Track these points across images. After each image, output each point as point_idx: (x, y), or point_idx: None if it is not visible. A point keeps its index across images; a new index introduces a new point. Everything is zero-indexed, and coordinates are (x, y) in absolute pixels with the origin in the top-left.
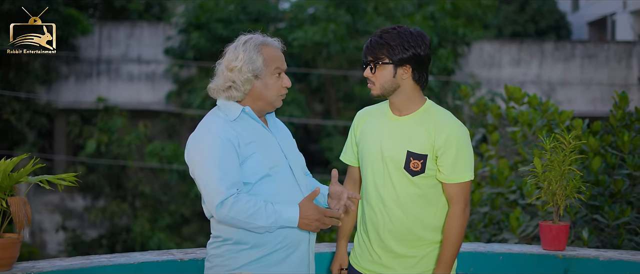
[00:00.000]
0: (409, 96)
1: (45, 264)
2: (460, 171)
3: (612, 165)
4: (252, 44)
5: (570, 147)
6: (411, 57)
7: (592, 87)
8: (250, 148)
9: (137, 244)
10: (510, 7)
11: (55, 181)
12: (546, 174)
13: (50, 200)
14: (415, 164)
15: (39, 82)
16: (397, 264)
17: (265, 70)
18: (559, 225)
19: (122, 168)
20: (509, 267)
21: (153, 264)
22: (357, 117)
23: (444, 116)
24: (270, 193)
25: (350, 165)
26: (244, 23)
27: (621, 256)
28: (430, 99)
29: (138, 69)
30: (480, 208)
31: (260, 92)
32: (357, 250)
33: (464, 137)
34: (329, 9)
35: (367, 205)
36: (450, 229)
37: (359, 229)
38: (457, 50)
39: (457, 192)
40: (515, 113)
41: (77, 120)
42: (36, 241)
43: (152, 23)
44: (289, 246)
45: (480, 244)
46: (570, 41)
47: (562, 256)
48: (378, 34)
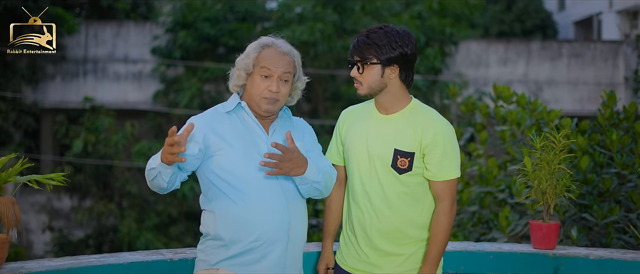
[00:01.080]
0: (395, 95)
1: (34, 264)
2: (447, 169)
3: (600, 164)
4: (259, 42)
5: (560, 146)
6: (399, 57)
7: (579, 86)
8: (222, 141)
9: (125, 245)
10: (496, 7)
11: (44, 181)
12: (536, 173)
13: (36, 200)
14: (403, 162)
15: (25, 81)
16: (385, 263)
17: (254, 68)
18: (549, 224)
19: (109, 168)
20: (499, 266)
21: (142, 264)
22: (342, 116)
23: (431, 114)
24: (240, 193)
25: (335, 164)
26: (231, 22)
27: (611, 255)
28: (418, 99)
29: (125, 69)
30: (468, 207)
31: (249, 89)
32: (344, 249)
33: (451, 135)
34: (316, 8)
35: (353, 204)
36: (437, 227)
37: (344, 228)
38: (444, 50)
39: (444, 190)
40: (503, 112)
41: (64, 120)
42: (23, 241)
43: (138, 22)
44: (265, 245)
45: (470, 243)
46: (556, 41)
47: (553, 254)
48: (365, 34)
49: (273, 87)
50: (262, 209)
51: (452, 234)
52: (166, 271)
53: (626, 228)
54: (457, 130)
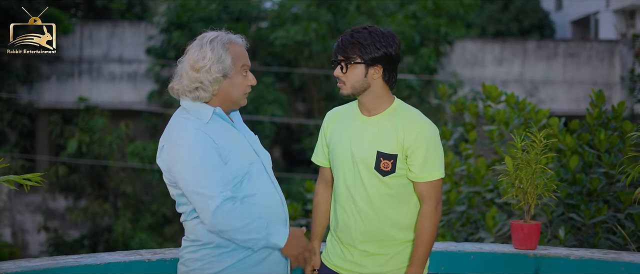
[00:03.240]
0: (378, 96)
1: (10, 265)
2: (431, 170)
3: (589, 164)
4: (219, 43)
5: (541, 146)
6: (382, 57)
7: (575, 86)
8: (227, 150)
9: (119, 245)
10: (493, 6)
11: (21, 181)
12: (517, 173)
13: (31, 200)
14: (386, 164)
15: (20, 82)
16: (368, 262)
17: (234, 69)
18: (530, 224)
19: (103, 168)
20: (480, 266)
21: (120, 265)
22: (327, 118)
23: (413, 115)
24: (249, 193)
25: (321, 166)
26: (226, 22)
27: (593, 255)
28: (412, 98)
29: (120, 69)
30: (457, 206)
31: (227, 91)
32: (330, 248)
33: (434, 136)
34: (311, 8)
35: (339, 206)
36: (423, 228)
37: (331, 228)
38: (439, 49)
39: (428, 191)
40: (492, 112)
41: (58, 120)
42: (18, 241)
43: (133, 23)
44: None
45: (451, 243)
46: (553, 40)
47: (533, 255)
48: (349, 34)
49: (253, 81)
50: (265, 208)
51: (440, 235)
52: (144, 272)
53: (614, 228)
54: (447, 130)
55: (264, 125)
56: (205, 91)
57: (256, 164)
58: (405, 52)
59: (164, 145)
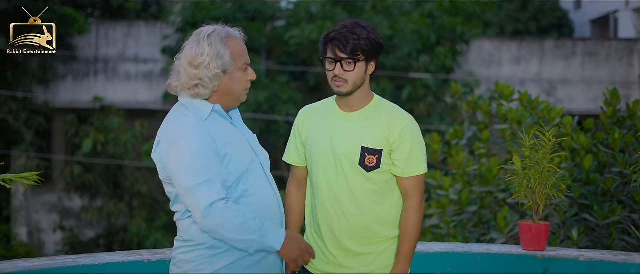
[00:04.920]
0: (364, 92)
1: (7, 265)
2: (415, 165)
3: (604, 163)
4: (217, 37)
5: (550, 145)
6: (379, 50)
7: (593, 85)
8: (226, 149)
9: (134, 244)
10: (511, 5)
11: (18, 180)
12: (526, 172)
13: (48, 200)
14: (371, 160)
15: (36, 81)
16: (354, 263)
17: (234, 64)
18: (539, 224)
19: (119, 168)
20: (487, 268)
21: (119, 265)
22: (300, 116)
23: (396, 110)
24: (245, 193)
25: (294, 165)
26: (241, 21)
27: (603, 256)
28: (428, 98)
29: (135, 68)
30: (469, 207)
31: (228, 87)
32: None
33: (417, 131)
34: (326, 7)
35: (319, 205)
36: (408, 224)
37: (308, 231)
38: (455, 49)
39: (413, 186)
40: (504, 110)
41: (74, 119)
42: (34, 240)
43: (149, 22)
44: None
45: (458, 244)
46: (571, 39)
47: (542, 256)
48: (348, 30)
49: (253, 76)
50: (262, 208)
51: (451, 235)
52: (144, 272)
53: (628, 228)
54: (459, 129)
55: (279, 124)
56: (205, 87)
57: (254, 163)
58: (422, 51)
59: (160, 141)
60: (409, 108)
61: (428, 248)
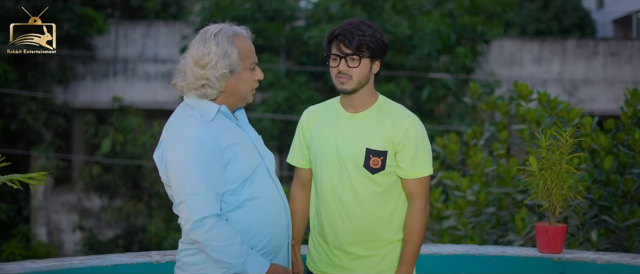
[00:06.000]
0: (369, 91)
1: (15, 266)
2: (420, 166)
3: (624, 164)
4: (224, 36)
5: (567, 146)
6: (385, 50)
7: (616, 85)
8: (231, 152)
9: (153, 244)
10: (533, 5)
11: (25, 180)
12: (542, 173)
13: (67, 200)
14: (375, 162)
15: (56, 81)
16: (357, 265)
17: (241, 64)
18: (555, 227)
19: (137, 168)
20: (502, 270)
21: (128, 266)
22: (304, 117)
23: (401, 111)
24: (250, 196)
25: (298, 167)
26: (260, 21)
27: (620, 259)
28: (448, 98)
29: (154, 69)
30: (487, 208)
31: (235, 87)
32: (314, 254)
33: (422, 132)
34: (345, 7)
35: (323, 207)
36: (412, 226)
37: (313, 232)
38: (476, 49)
39: (417, 188)
40: (523, 111)
41: (93, 119)
42: (54, 240)
43: (168, 22)
44: (271, 252)
45: (473, 246)
46: (593, 39)
47: (558, 259)
48: (354, 27)
49: (261, 75)
50: (267, 211)
51: (468, 237)
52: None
53: None
54: (477, 129)
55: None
56: (212, 87)
57: (260, 166)
58: (442, 51)
59: (163, 141)
60: (428, 109)
61: (442, 250)
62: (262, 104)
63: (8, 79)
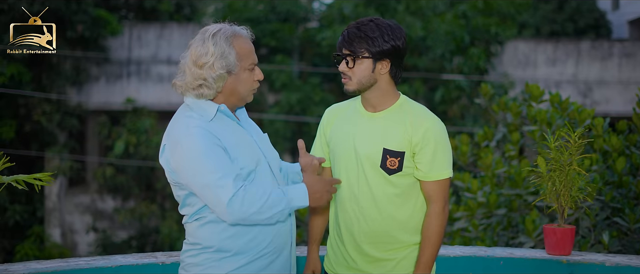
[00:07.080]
0: (384, 92)
1: (20, 266)
2: (439, 168)
3: (636, 166)
4: (222, 37)
5: (575, 146)
6: (391, 51)
7: (631, 86)
8: (232, 149)
9: (166, 246)
10: (548, 6)
11: (31, 181)
12: (550, 174)
13: (81, 201)
14: (392, 162)
15: (70, 83)
16: (373, 268)
17: (239, 65)
18: (564, 228)
19: (151, 169)
20: (510, 272)
21: (133, 267)
22: (326, 115)
23: (421, 111)
24: None
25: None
26: (273, 23)
27: (630, 261)
28: (462, 99)
29: (167, 70)
30: (498, 210)
31: (233, 88)
32: (331, 255)
33: (442, 133)
34: (359, 8)
35: (340, 207)
36: (430, 229)
37: (331, 233)
38: (490, 50)
39: (436, 191)
40: (534, 112)
41: (106, 121)
42: (67, 242)
43: (181, 24)
44: (274, 251)
45: (481, 247)
46: (607, 40)
47: (567, 261)
48: (355, 26)
49: (261, 76)
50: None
51: (479, 239)
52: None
53: None
54: (489, 131)
55: (311, 126)
56: (209, 88)
57: (261, 164)
58: (455, 52)
59: (166, 144)
60: (442, 110)
61: (450, 252)
62: (275, 105)
63: (22, 81)
